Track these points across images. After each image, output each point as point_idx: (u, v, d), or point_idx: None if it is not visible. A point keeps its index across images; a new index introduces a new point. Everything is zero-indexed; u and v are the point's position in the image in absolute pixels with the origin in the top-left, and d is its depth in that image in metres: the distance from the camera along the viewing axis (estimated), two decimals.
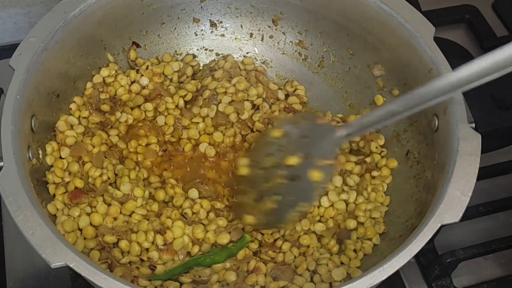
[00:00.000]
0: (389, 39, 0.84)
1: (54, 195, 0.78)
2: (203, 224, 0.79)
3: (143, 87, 0.91)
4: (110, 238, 0.76)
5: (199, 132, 0.90)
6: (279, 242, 0.80)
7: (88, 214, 0.78)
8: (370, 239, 0.80)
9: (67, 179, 0.80)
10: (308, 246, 0.80)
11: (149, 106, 0.90)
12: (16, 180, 0.66)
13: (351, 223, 0.81)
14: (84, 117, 0.86)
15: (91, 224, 0.77)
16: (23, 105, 0.73)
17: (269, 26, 0.96)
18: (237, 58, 0.98)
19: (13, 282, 0.82)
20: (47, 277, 0.82)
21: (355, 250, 0.78)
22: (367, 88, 0.91)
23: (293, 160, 0.76)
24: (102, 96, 0.87)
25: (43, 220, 0.63)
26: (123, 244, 0.76)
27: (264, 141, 0.81)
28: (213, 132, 0.90)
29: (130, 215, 0.79)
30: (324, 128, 0.76)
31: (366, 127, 0.72)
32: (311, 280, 0.76)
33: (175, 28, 0.95)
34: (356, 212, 0.82)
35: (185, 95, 0.91)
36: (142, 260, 0.77)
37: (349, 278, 0.76)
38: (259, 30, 0.97)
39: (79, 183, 0.79)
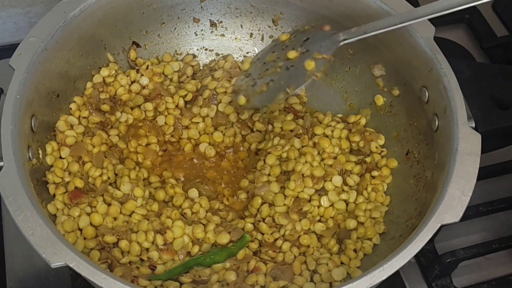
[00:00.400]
0: (389, 39, 0.84)
1: (54, 195, 0.78)
2: (203, 224, 0.79)
3: (143, 87, 0.91)
4: (110, 238, 0.76)
5: (199, 132, 0.90)
6: (279, 242, 0.80)
7: (88, 214, 0.78)
8: (370, 239, 0.80)
9: (67, 179, 0.80)
10: (308, 246, 0.80)
11: (149, 106, 0.90)
12: (16, 180, 0.66)
13: (351, 223, 0.81)
14: (84, 117, 0.86)
15: (91, 224, 0.77)
16: (23, 105, 0.73)
17: (269, 26, 0.96)
18: (237, 58, 0.98)
19: (13, 282, 0.82)
20: (47, 277, 0.82)
21: (355, 250, 0.78)
22: (367, 88, 0.91)
23: (292, 54, 0.81)
24: (102, 96, 0.88)
25: (43, 220, 0.63)
26: (123, 244, 0.76)
27: (272, 44, 0.86)
28: (213, 132, 0.90)
29: (130, 215, 0.79)
30: (327, 33, 0.81)
31: (365, 32, 0.78)
32: (311, 280, 0.76)
33: (175, 28, 0.95)
34: (356, 212, 0.82)
35: (185, 95, 0.91)
36: (142, 260, 0.77)
37: (349, 278, 0.76)
38: (259, 30, 0.97)
39: (79, 183, 0.79)
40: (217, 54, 0.98)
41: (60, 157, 0.82)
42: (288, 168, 0.84)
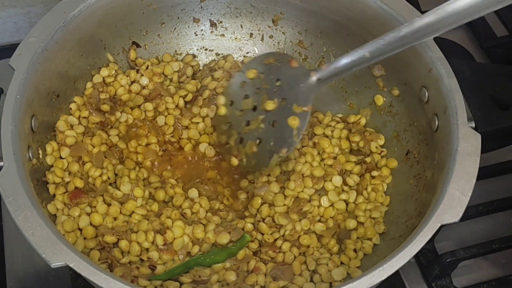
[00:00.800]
0: None
1: (54, 195, 0.78)
2: (203, 224, 0.79)
3: (143, 87, 0.91)
4: (110, 238, 0.76)
5: (199, 132, 0.90)
6: (279, 242, 0.79)
7: (88, 214, 0.78)
8: (370, 239, 0.80)
9: (67, 179, 0.80)
10: (308, 246, 0.80)
11: (149, 106, 0.90)
12: (16, 180, 0.66)
13: (351, 223, 0.81)
14: (84, 117, 0.86)
15: (91, 224, 0.77)
16: (23, 105, 0.73)
17: (269, 26, 0.96)
18: (237, 58, 0.98)
19: (13, 282, 0.82)
20: (47, 277, 0.82)
21: (355, 250, 0.78)
22: (367, 88, 0.91)
23: (270, 105, 0.79)
24: (102, 96, 0.88)
25: (43, 220, 0.63)
26: (123, 244, 0.76)
27: (240, 80, 0.83)
28: (213, 132, 0.90)
29: (130, 215, 0.79)
30: (297, 72, 0.79)
31: (339, 72, 0.75)
32: (311, 280, 0.76)
33: (175, 28, 0.95)
34: (356, 212, 0.82)
35: (185, 95, 0.91)
36: (142, 260, 0.77)
37: (349, 278, 0.76)
38: (259, 30, 0.97)
39: (79, 183, 0.79)
40: (217, 54, 0.98)
41: (60, 157, 0.81)
42: (288, 168, 0.84)
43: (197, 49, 0.98)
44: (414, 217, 0.76)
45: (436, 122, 0.77)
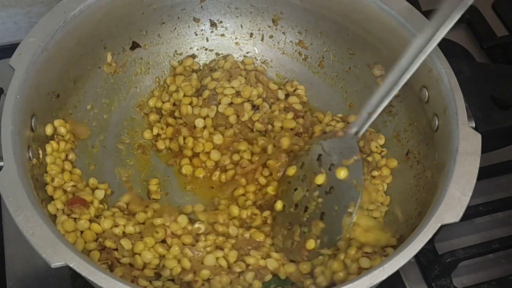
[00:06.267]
0: (389, 39, 0.84)
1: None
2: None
3: None
4: (111, 244, 0.75)
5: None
6: None
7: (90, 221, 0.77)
8: None
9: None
10: None
11: None
12: (16, 180, 0.66)
13: None
14: None
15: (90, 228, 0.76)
16: (23, 105, 0.73)
17: (269, 26, 0.96)
18: (237, 58, 0.98)
19: (13, 282, 0.82)
20: (47, 277, 0.82)
21: None
22: (367, 88, 0.91)
23: (321, 180, 0.77)
24: None
25: (43, 220, 0.63)
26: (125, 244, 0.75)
27: (285, 182, 0.82)
28: (213, 132, 0.90)
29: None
30: (337, 138, 0.78)
31: (371, 114, 0.75)
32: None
33: (175, 28, 0.95)
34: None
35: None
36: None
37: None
38: (259, 30, 0.97)
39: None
40: (217, 54, 0.98)
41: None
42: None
43: (197, 49, 0.98)
44: (414, 217, 0.76)
45: (436, 122, 0.77)
